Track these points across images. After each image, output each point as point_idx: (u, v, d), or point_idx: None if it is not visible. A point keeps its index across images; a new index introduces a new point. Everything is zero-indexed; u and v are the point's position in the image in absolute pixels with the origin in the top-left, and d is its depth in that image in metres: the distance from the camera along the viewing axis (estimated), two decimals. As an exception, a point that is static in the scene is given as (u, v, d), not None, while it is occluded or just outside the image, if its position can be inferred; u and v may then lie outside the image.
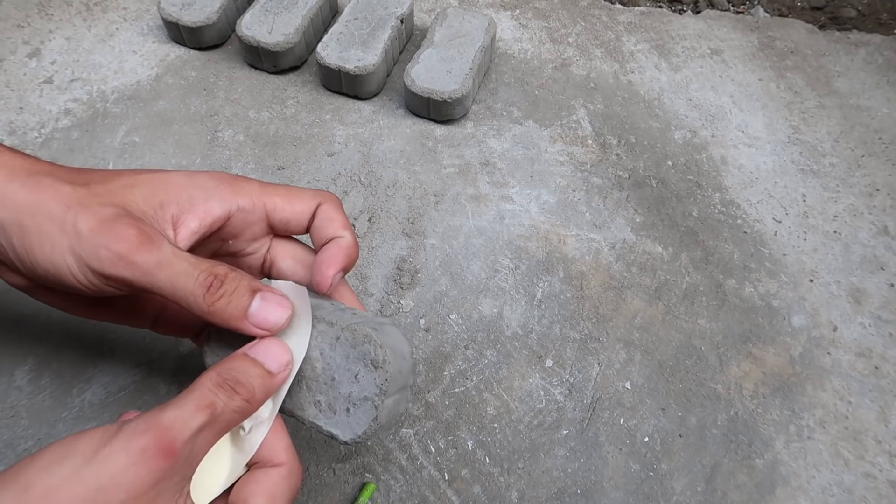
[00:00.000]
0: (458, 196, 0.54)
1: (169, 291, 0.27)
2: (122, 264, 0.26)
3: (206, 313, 0.27)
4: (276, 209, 0.32)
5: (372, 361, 0.28)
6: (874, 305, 0.50)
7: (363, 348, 0.28)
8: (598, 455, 0.43)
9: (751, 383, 0.46)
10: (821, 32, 0.68)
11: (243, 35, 0.58)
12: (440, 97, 0.55)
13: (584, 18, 0.68)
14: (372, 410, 0.28)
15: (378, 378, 0.28)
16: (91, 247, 0.26)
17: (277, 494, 0.27)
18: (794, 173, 0.57)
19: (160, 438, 0.23)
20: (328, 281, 0.31)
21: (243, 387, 0.26)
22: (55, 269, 0.27)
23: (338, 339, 0.29)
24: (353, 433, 0.29)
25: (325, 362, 0.29)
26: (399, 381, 0.30)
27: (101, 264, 0.26)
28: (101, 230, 0.27)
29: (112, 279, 0.27)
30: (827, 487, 0.42)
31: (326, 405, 0.29)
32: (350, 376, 0.29)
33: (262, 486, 0.27)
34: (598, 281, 0.50)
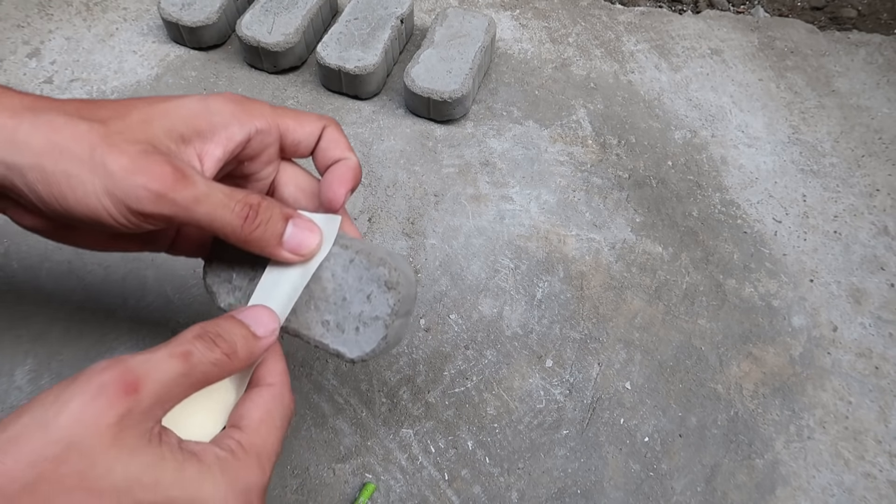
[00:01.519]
0: (458, 196, 0.54)
1: (206, 223, 0.27)
2: (161, 202, 0.26)
3: (244, 242, 0.28)
4: (289, 130, 0.32)
5: (386, 283, 0.29)
6: (874, 305, 0.50)
7: (378, 270, 0.29)
8: (598, 455, 0.43)
9: (751, 383, 0.46)
10: (821, 32, 0.68)
11: (243, 35, 0.58)
12: (440, 97, 0.55)
13: (584, 18, 0.68)
14: (382, 329, 0.29)
15: (391, 299, 0.29)
16: (127, 187, 0.26)
17: (273, 411, 0.27)
18: (794, 173, 0.57)
19: (122, 375, 0.23)
20: (340, 198, 0.32)
21: (224, 341, 0.26)
22: (91, 212, 0.27)
23: (351, 261, 0.30)
24: (361, 351, 0.29)
25: (337, 283, 0.30)
26: (407, 304, 0.30)
27: (141, 204, 0.26)
28: (134, 169, 0.26)
29: (152, 217, 0.27)
30: (827, 487, 0.42)
31: (335, 324, 0.30)
32: (362, 297, 0.29)
33: (257, 402, 0.28)
34: (598, 281, 0.50)
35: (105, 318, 0.46)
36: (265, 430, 0.27)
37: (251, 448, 0.26)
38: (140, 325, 0.46)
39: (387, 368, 0.45)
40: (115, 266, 0.49)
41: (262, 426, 0.27)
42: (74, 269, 0.48)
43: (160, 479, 0.23)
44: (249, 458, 0.26)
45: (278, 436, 0.27)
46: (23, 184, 0.27)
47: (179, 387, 0.25)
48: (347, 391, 0.44)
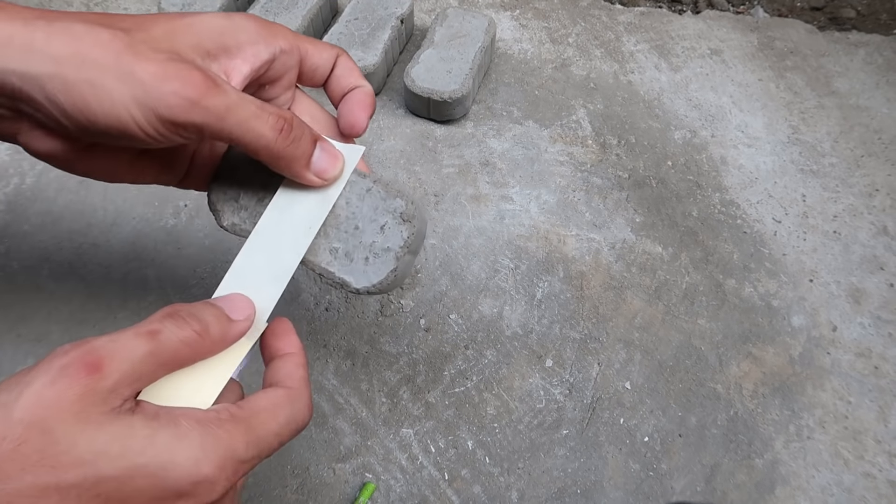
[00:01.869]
0: (458, 196, 0.54)
1: (238, 134, 0.26)
2: (194, 110, 0.25)
3: (274, 157, 0.27)
4: (308, 54, 0.31)
5: (402, 214, 0.29)
6: (874, 305, 0.50)
7: (395, 202, 0.29)
8: (598, 455, 0.43)
9: (751, 383, 0.46)
10: (820, 33, 0.68)
11: (243, 35, 0.58)
12: (440, 97, 0.55)
13: (584, 18, 0.68)
14: (392, 262, 0.28)
15: (405, 231, 0.28)
16: (158, 94, 0.25)
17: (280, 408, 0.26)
18: (794, 173, 0.57)
19: (84, 356, 0.22)
20: (363, 122, 0.31)
21: (196, 320, 0.25)
22: (119, 123, 0.25)
23: (368, 190, 0.29)
24: (369, 281, 0.29)
25: (351, 211, 0.29)
26: (419, 240, 0.30)
27: (172, 111, 0.25)
28: (165, 76, 0.25)
29: (182, 126, 0.26)
30: (826, 487, 0.42)
31: (343, 253, 0.29)
32: (376, 227, 0.29)
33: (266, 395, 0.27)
34: (598, 281, 0.50)
35: (105, 318, 0.46)
36: (264, 417, 0.25)
37: (241, 421, 0.25)
38: (140, 325, 0.46)
39: (387, 368, 0.45)
40: (115, 266, 0.49)
41: (262, 413, 0.26)
42: (75, 269, 0.48)
43: (128, 448, 0.22)
44: (235, 428, 0.24)
45: (276, 430, 0.26)
46: (42, 96, 0.25)
47: (147, 365, 0.24)
48: (347, 391, 0.44)
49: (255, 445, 0.25)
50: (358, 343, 0.46)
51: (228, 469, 0.23)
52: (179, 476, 0.22)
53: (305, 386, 0.28)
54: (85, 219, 0.51)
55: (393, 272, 0.29)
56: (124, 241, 0.50)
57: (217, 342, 0.26)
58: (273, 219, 0.29)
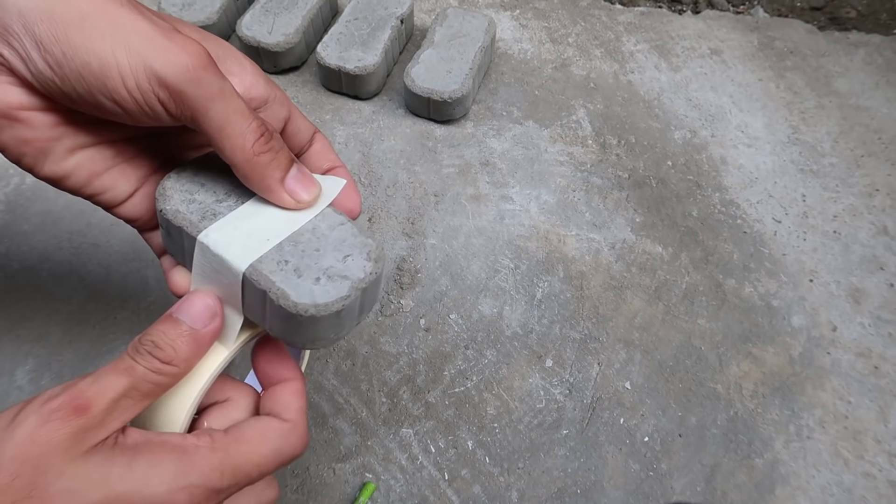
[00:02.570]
0: (458, 196, 0.54)
1: (217, 126, 0.25)
2: (188, 78, 0.24)
3: (247, 163, 0.26)
4: (295, 116, 0.31)
5: (370, 252, 0.26)
6: (874, 305, 0.50)
7: (366, 241, 0.27)
8: (598, 455, 0.43)
9: (750, 383, 0.46)
10: (820, 33, 0.68)
11: (243, 35, 0.58)
12: (440, 97, 0.55)
13: (584, 18, 0.68)
14: (345, 290, 0.25)
15: (369, 267, 0.26)
16: (157, 48, 0.23)
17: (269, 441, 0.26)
18: (794, 173, 0.57)
19: (72, 399, 0.23)
20: (358, 207, 0.31)
21: (161, 349, 0.25)
22: (98, 65, 0.23)
23: (342, 224, 0.27)
24: (311, 299, 0.25)
25: (316, 237, 0.27)
26: (375, 290, 0.27)
27: (167, 68, 0.23)
28: (167, 35, 0.24)
29: (171, 90, 0.24)
30: (826, 487, 0.42)
31: (292, 268, 0.26)
32: (338, 256, 0.26)
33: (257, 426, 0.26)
34: (598, 281, 0.50)
35: (105, 319, 0.46)
36: (247, 447, 0.25)
37: (220, 449, 0.24)
38: (140, 325, 0.46)
39: (387, 368, 0.45)
40: (115, 266, 0.49)
41: (246, 443, 0.25)
42: (75, 269, 0.48)
43: (108, 476, 0.22)
44: (212, 456, 0.24)
45: (257, 462, 0.25)
46: (19, 24, 0.23)
47: (131, 399, 0.24)
48: (347, 391, 0.44)
49: (231, 475, 0.24)
50: (358, 343, 0.46)
51: (199, 496, 0.23)
52: (154, 502, 0.23)
53: (302, 418, 0.28)
54: (85, 219, 0.51)
55: (342, 300, 0.25)
56: (124, 241, 0.50)
57: (190, 359, 0.26)
58: (231, 224, 0.27)
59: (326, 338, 0.27)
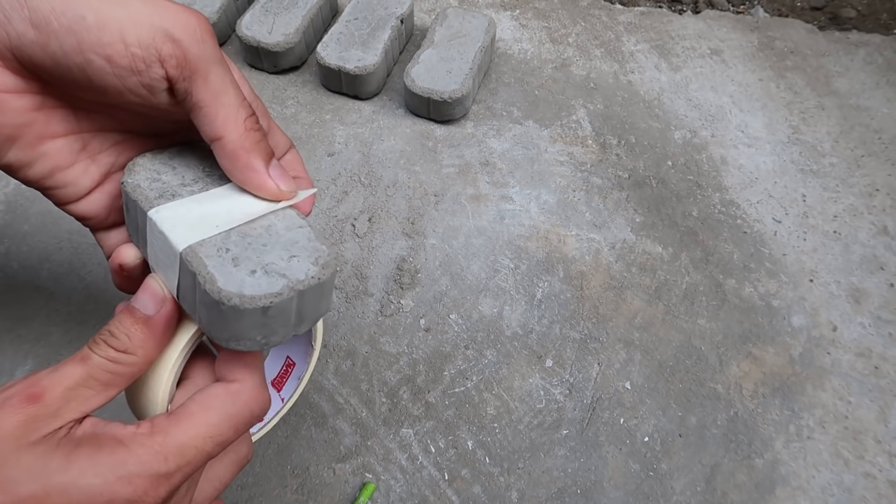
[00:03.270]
0: (458, 196, 0.54)
1: (214, 92, 0.25)
2: (196, 37, 0.24)
3: (238, 136, 0.26)
4: (272, 129, 0.31)
5: (319, 258, 0.25)
6: (874, 305, 0.50)
7: (319, 247, 0.25)
8: (598, 455, 0.43)
9: (751, 383, 0.46)
10: (821, 32, 0.68)
11: (243, 35, 0.58)
12: (440, 97, 0.55)
13: (584, 18, 0.68)
14: (278, 287, 0.24)
15: (312, 271, 0.24)
16: (163, 8, 0.24)
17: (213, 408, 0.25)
18: (794, 173, 0.57)
19: (26, 388, 0.23)
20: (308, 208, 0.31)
21: (115, 338, 0.25)
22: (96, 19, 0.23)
23: (300, 227, 0.26)
24: (239, 289, 0.23)
25: (268, 232, 0.26)
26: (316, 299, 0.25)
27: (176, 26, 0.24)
28: (169, 4, 0.24)
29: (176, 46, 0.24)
30: (827, 487, 0.42)
31: (231, 257, 0.24)
32: (284, 255, 0.25)
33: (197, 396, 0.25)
34: (598, 281, 0.50)
35: (106, 319, 0.46)
36: (188, 423, 0.24)
37: (159, 432, 0.24)
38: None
39: (387, 368, 0.45)
40: (115, 266, 0.49)
41: (187, 419, 0.24)
42: (75, 269, 0.48)
43: (47, 466, 0.22)
44: (150, 441, 0.23)
45: (203, 433, 0.24)
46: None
47: (90, 389, 0.24)
48: (347, 391, 0.44)
49: (176, 456, 0.23)
50: (358, 343, 0.46)
51: (142, 484, 0.23)
52: (92, 495, 0.22)
53: (251, 374, 0.26)
54: (85, 219, 0.51)
55: (271, 297, 0.23)
56: (124, 241, 0.50)
57: (148, 343, 0.25)
58: (186, 206, 0.26)
59: (252, 338, 0.25)
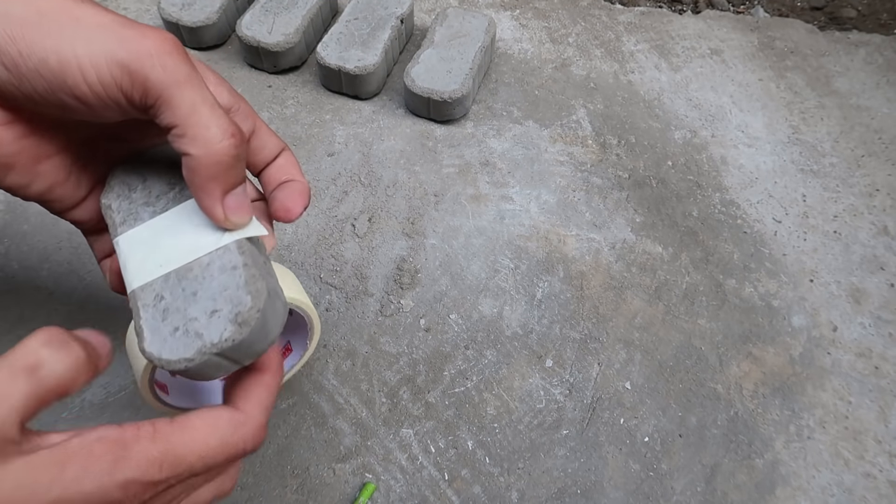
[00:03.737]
0: (458, 196, 0.54)
1: (183, 114, 0.23)
2: (151, 61, 0.23)
3: (205, 155, 0.24)
4: (261, 131, 0.30)
5: (238, 314, 0.24)
6: (874, 305, 0.50)
7: (244, 297, 0.24)
8: (598, 455, 0.43)
9: (751, 383, 0.46)
10: (821, 32, 0.68)
11: (243, 35, 0.58)
12: (440, 97, 0.55)
13: (584, 18, 0.68)
14: (192, 352, 0.24)
15: (227, 333, 0.24)
16: (118, 37, 0.23)
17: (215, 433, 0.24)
18: (794, 173, 0.57)
19: None
20: (299, 209, 0.29)
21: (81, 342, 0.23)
22: (57, 61, 0.22)
23: (234, 268, 0.25)
24: (158, 352, 0.24)
25: (203, 275, 0.25)
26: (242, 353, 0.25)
27: (129, 55, 0.23)
28: (128, 25, 0.23)
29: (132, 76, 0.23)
30: (827, 487, 0.42)
31: (163, 308, 0.25)
32: (209, 307, 0.24)
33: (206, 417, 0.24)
34: (598, 281, 0.50)
35: (106, 318, 0.46)
36: (191, 436, 0.23)
37: (161, 439, 0.23)
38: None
39: (387, 368, 0.45)
40: (115, 266, 0.49)
41: (191, 432, 0.23)
42: (74, 269, 0.48)
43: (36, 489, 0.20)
44: (151, 447, 0.22)
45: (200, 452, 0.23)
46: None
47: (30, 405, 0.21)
48: (347, 391, 0.44)
49: (171, 466, 0.23)
50: (358, 343, 0.46)
51: (135, 490, 0.22)
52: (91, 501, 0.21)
53: (260, 411, 0.26)
54: (85, 219, 0.51)
55: (186, 362, 0.24)
56: (124, 241, 0.50)
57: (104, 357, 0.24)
58: (141, 235, 0.26)
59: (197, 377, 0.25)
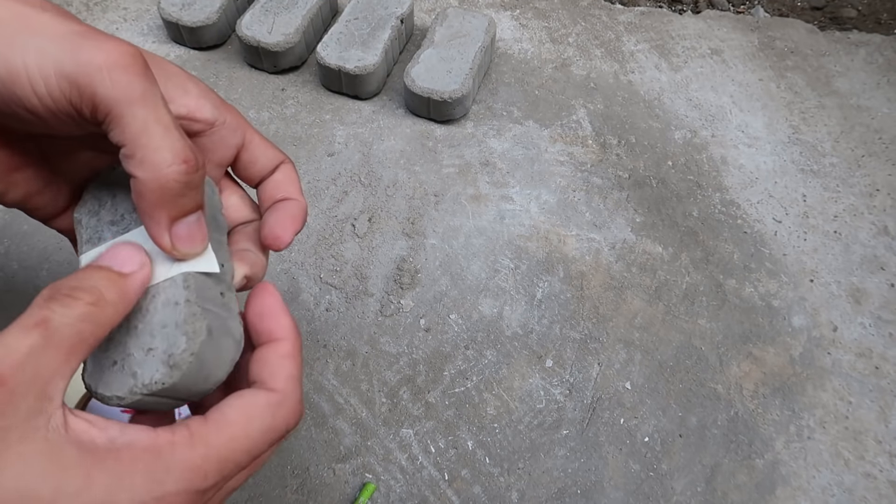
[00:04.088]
0: (458, 196, 0.54)
1: (131, 135, 0.21)
2: (100, 76, 0.21)
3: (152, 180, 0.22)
4: (253, 144, 0.29)
5: (171, 356, 0.22)
6: (874, 305, 0.50)
7: (178, 337, 0.23)
8: (598, 455, 0.43)
9: (751, 383, 0.46)
10: (821, 32, 0.68)
11: (243, 35, 0.58)
12: (440, 97, 0.55)
13: (584, 18, 0.68)
14: (124, 391, 0.23)
15: (158, 375, 0.22)
16: (70, 47, 0.21)
17: (256, 419, 0.22)
18: (794, 173, 0.57)
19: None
20: (289, 237, 0.28)
21: (84, 291, 0.21)
22: (6, 72, 0.21)
23: (176, 304, 0.23)
24: (94, 385, 0.23)
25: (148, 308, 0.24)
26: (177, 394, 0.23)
27: (77, 67, 0.21)
28: (85, 35, 0.21)
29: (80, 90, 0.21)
30: (827, 487, 0.42)
31: (109, 338, 0.24)
32: (147, 343, 0.23)
33: (241, 403, 0.23)
34: (598, 281, 0.50)
35: (105, 319, 0.46)
36: (231, 433, 0.22)
37: (200, 442, 0.21)
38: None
39: (387, 368, 0.45)
40: (115, 266, 0.49)
41: (229, 429, 0.22)
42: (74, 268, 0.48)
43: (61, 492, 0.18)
44: (192, 454, 0.21)
45: (246, 447, 0.22)
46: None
47: (52, 360, 0.19)
48: (347, 391, 0.44)
49: (217, 471, 0.21)
50: (358, 343, 0.46)
51: (178, 501, 0.20)
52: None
53: (294, 385, 0.24)
54: (85, 219, 0.51)
55: (118, 400, 0.23)
56: (124, 241, 0.50)
57: (117, 304, 0.22)
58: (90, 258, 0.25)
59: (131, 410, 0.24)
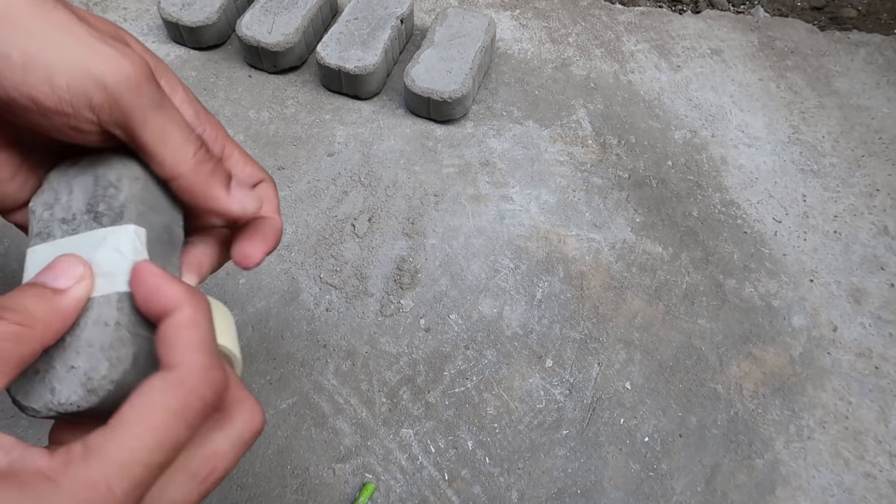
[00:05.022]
0: (458, 196, 0.54)
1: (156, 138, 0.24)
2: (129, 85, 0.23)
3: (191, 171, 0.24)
4: (232, 158, 0.29)
5: (90, 381, 0.22)
6: (874, 305, 0.50)
7: (100, 363, 0.22)
8: (598, 455, 0.43)
9: (751, 383, 0.46)
10: (821, 32, 0.68)
11: (243, 35, 0.58)
12: (440, 97, 0.55)
13: (584, 18, 0.68)
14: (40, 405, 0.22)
15: (75, 397, 0.22)
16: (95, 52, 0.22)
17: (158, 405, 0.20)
18: (794, 173, 0.57)
19: None
20: (257, 257, 0.28)
21: (10, 311, 0.20)
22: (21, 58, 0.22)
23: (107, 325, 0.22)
24: (15, 392, 0.23)
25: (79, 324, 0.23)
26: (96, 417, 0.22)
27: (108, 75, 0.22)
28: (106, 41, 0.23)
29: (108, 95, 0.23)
30: (827, 487, 0.42)
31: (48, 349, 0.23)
32: (71, 361, 0.22)
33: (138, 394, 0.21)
34: (598, 281, 0.50)
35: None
36: (130, 433, 0.19)
37: (94, 455, 0.19)
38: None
39: (387, 368, 0.45)
40: (115, 266, 0.49)
41: (125, 428, 0.20)
42: (74, 269, 0.48)
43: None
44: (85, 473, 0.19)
45: (150, 444, 0.19)
46: None
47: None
48: (347, 391, 0.44)
49: (124, 478, 0.19)
50: (358, 343, 0.46)
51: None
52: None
53: (198, 352, 0.21)
54: (85, 219, 0.51)
55: (34, 412, 0.22)
56: (124, 241, 0.50)
57: (51, 323, 0.21)
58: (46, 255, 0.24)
59: None
